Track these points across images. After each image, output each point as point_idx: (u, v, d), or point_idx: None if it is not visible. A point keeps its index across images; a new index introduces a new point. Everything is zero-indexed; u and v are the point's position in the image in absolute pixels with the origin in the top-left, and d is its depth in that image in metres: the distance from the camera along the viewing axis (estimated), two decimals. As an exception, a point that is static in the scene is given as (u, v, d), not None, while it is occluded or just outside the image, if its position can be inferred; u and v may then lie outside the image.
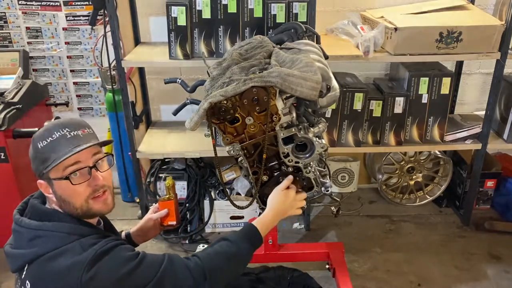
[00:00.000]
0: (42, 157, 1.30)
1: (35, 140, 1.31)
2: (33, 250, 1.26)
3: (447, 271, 2.56)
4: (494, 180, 2.98)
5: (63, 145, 1.30)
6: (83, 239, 1.28)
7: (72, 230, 1.29)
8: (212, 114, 1.55)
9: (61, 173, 1.30)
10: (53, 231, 1.28)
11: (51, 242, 1.26)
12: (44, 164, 1.30)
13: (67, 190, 1.32)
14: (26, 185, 2.65)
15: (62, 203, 1.34)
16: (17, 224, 1.33)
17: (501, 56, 2.44)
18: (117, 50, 2.32)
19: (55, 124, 1.34)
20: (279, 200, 1.63)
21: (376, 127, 2.66)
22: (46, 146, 1.30)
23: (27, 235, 1.29)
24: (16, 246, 1.32)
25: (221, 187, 2.82)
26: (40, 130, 1.33)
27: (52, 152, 1.30)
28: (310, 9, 2.27)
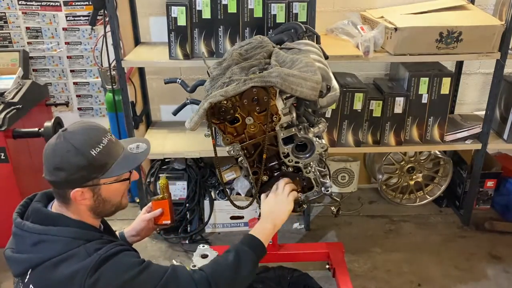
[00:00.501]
0: (97, 164, 1.29)
1: (83, 149, 1.27)
2: (37, 255, 1.25)
3: (447, 271, 2.56)
4: (494, 180, 2.98)
5: (115, 149, 1.34)
6: (88, 244, 1.27)
7: (77, 235, 1.28)
8: (212, 114, 1.55)
9: (116, 176, 1.33)
10: (58, 236, 1.26)
11: (57, 247, 1.25)
12: (101, 170, 1.30)
13: (115, 191, 1.36)
14: (26, 185, 2.66)
15: (101, 204, 1.34)
16: (18, 228, 1.31)
17: (501, 56, 2.44)
18: (117, 50, 2.32)
19: (93, 129, 1.33)
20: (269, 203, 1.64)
21: (376, 127, 2.66)
22: (100, 153, 1.29)
23: (30, 239, 1.27)
24: (18, 251, 1.29)
25: (221, 187, 2.82)
26: (79, 139, 1.28)
27: (108, 158, 1.31)
28: (310, 9, 2.27)
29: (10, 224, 2.85)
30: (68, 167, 1.26)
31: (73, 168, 1.27)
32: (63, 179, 1.28)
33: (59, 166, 1.27)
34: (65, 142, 1.28)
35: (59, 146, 1.28)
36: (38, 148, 2.78)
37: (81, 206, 1.33)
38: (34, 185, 2.77)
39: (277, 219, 1.60)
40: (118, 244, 1.31)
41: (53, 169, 1.28)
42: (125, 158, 1.36)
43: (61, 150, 1.27)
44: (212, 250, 2.23)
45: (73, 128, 1.32)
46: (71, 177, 1.27)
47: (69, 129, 1.31)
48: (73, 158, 1.26)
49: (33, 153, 2.76)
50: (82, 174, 1.28)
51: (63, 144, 1.27)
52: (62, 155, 1.27)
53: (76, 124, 1.34)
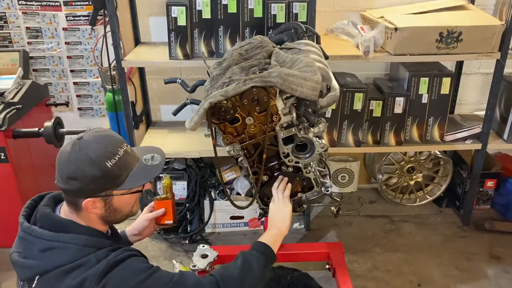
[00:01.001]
0: (112, 176, 1.28)
1: (98, 160, 1.25)
2: (47, 262, 1.24)
3: (447, 271, 2.56)
4: (494, 180, 2.98)
5: (130, 160, 1.34)
6: (99, 252, 1.26)
7: (89, 243, 1.27)
8: (212, 114, 1.55)
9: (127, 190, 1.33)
10: (69, 243, 1.25)
11: (67, 255, 1.24)
12: (114, 182, 1.30)
13: (126, 201, 1.36)
14: (26, 185, 2.66)
15: (112, 214, 1.34)
16: (26, 233, 1.29)
17: (501, 56, 2.44)
18: (117, 50, 2.32)
19: (109, 139, 1.32)
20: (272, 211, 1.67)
21: (376, 127, 2.66)
22: (115, 165, 1.28)
23: (39, 245, 1.26)
24: (26, 256, 1.28)
25: (221, 187, 2.82)
26: (95, 150, 1.26)
27: (123, 170, 1.31)
28: (310, 9, 2.27)
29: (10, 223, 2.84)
30: (82, 177, 1.25)
31: (87, 179, 1.25)
32: (76, 188, 1.27)
33: (73, 175, 1.25)
34: (80, 151, 1.26)
35: (74, 155, 1.26)
36: (38, 148, 2.78)
37: (92, 215, 1.32)
38: (34, 185, 2.78)
39: (279, 223, 1.64)
40: (127, 249, 1.31)
41: (66, 178, 1.26)
42: (140, 171, 1.35)
43: (76, 159, 1.25)
44: (212, 250, 2.23)
45: (89, 137, 1.30)
46: (84, 187, 1.26)
47: (85, 138, 1.29)
48: (88, 168, 1.25)
49: (33, 153, 2.76)
50: (96, 185, 1.27)
51: (79, 154, 1.26)
52: (77, 165, 1.25)
53: (92, 132, 1.33)
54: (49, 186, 3.31)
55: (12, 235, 2.91)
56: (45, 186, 2.93)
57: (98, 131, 1.34)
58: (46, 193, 1.42)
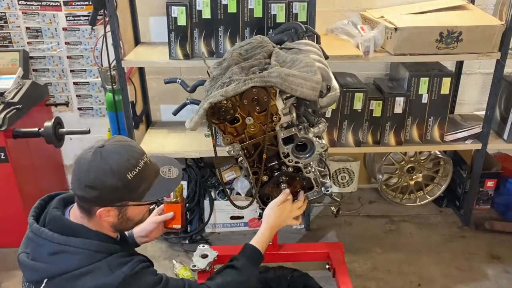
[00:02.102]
0: (131, 187, 1.28)
1: (120, 171, 1.25)
2: (56, 266, 1.23)
3: (447, 271, 2.56)
4: (494, 180, 2.98)
5: (149, 173, 1.33)
6: (109, 258, 1.26)
7: (99, 248, 1.27)
8: (212, 114, 1.55)
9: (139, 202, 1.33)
10: (80, 248, 1.25)
11: (77, 260, 1.23)
12: (132, 193, 1.29)
13: (140, 211, 1.37)
14: (26, 185, 2.66)
15: (124, 223, 1.35)
16: (36, 235, 1.28)
17: (501, 56, 2.44)
18: (117, 50, 2.32)
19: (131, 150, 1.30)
20: (276, 215, 1.66)
21: (376, 127, 2.66)
22: (136, 177, 1.27)
23: (48, 248, 1.25)
24: (35, 258, 1.27)
25: (221, 187, 2.82)
26: (117, 160, 1.25)
27: (142, 182, 1.30)
28: (310, 9, 2.27)
29: (10, 223, 2.86)
30: (101, 187, 1.24)
31: (106, 189, 1.24)
32: (92, 197, 1.26)
33: (92, 184, 1.24)
34: (102, 161, 1.24)
35: (95, 163, 1.25)
36: (38, 148, 2.78)
37: (103, 223, 1.32)
38: (34, 185, 2.78)
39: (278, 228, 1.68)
40: (139, 260, 1.31)
41: (85, 186, 1.25)
42: (158, 185, 1.35)
43: (97, 168, 1.24)
44: (212, 250, 2.23)
45: (111, 146, 1.28)
46: (102, 196, 1.26)
47: (107, 147, 1.27)
48: (108, 179, 1.24)
49: (33, 153, 2.76)
50: (114, 196, 1.27)
51: (100, 163, 1.24)
52: (97, 174, 1.24)
53: (113, 141, 1.31)
54: (49, 186, 3.34)
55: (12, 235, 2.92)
56: (45, 186, 2.95)
57: (120, 140, 1.33)
58: (56, 194, 1.41)
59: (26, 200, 2.63)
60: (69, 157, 3.20)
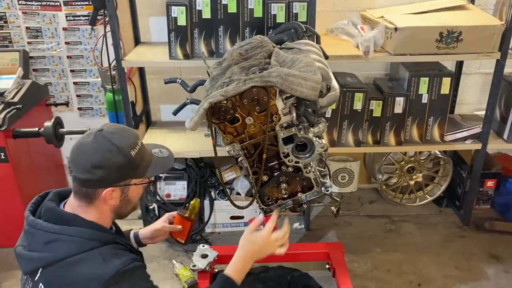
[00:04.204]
0: (133, 164, 1.33)
1: (124, 149, 1.31)
2: (50, 254, 1.25)
3: (447, 271, 2.56)
4: (494, 180, 2.98)
5: (146, 152, 1.40)
6: (103, 248, 1.28)
7: (92, 236, 1.29)
8: (212, 114, 1.55)
9: (142, 178, 1.38)
10: (73, 236, 1.27)
11: (70, 247, 1.25)
12: (135, 171, 1.35)
13: (138, 192, 1.41)
14: (26, 185, 2.66)
15: (124, 205, 1.38)
16: (31, 226, 1.31)
17: (501, 56, 2.44)
18: (117, 50, 2.32)
19: (129, 131, 1.39)
20: (251, 244, 1.57)
21: (376, 127, 2.66)
22: (137, 154, 1.34)
23: (43, 238, 1.27)
24: (30, 248, 1.30)
25: (221, 187, 2.82)
26: (120, 139, 1.32)
27: (143, 159, 1.37)
28: (310, 9, 2.27)
29: (10, 223, 2.86)
30: (108, 165, 1.29)
31: (113, 167, 1.29)
32: (99, 177, 1.29)
33: (98, 164, 1.28)
34: (106, 141, 1.30)
35: (99, 144, 1.29)
36: (38, 148, 2.78)
37: (105, 206, 1.35)
38: (34, 185, 2.78)
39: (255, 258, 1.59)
40: (133, 258, 1.31)
41: (91, 167, 1.28)
42: (156, 162, 1.42)
43: (102, 148, 1.29)
44: (212, 250, 2.23)
45: (109, 129, 1.35)
46: (109, 175, 1.30)
47: (106, 129, 1.34)
48: (115, 157, 1.29)
49: (33, 153, 2.76)
50: (120, 174, 1.32)
51: (105, 143, 1.29)
52: (104, 154, 1.28)
53: (109, 125, 1.38)
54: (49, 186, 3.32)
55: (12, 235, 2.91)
56: (45, 186, 2.95)
57: (114, 125, 1.41)
58: (52, 190, 1.45)
59: (26, 200, 2.62)
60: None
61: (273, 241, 1.59)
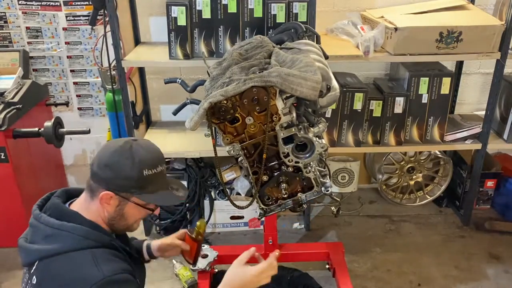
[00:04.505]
0: (141, 183, 1.35)
1: (139, 165, 1.34)
2: (46, 247, 1.28)
3: (447, 271, 2.56)
4: (494, 180, 2.98)
5: (160, 181, 1.40)
6: (97, 250, 1.29)
7: (88, 235, 1.30)
8: (212, 114, 1.55)
9: (144, 203, 1.38)
10: (70, 232, 1.29)
11: (65, 243, 1.27)
12: (140, 190, 1.36)
13: (135, 213, 1.40)
14: (26, 184, 2.66)
15: (118, 218, 1.38)
16: (35, 219, 1.34)
17: (501, 56, 2.44)
18: (117, 50, 2.32)
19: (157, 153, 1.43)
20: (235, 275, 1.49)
21: (376, 127, 2.66)
22: (150, 176, 1.36)
23: (43, 232, 1.31)
24: (31, 241, 1.33)
25: (221, 187, 2.82)
26: (141, 155, 1.35)
27: (151, 184, 1.37)
28: (310, 9, 2.27)
29: (10, 223, 2.86)
30: (117, 170, 1.32)
31: (121, 174, 1.32)
32: (105, 177, 1.33)
33: (111, 165, 1.32)
34: (129, 150, 1.35)
35: (122, 149, 1.34)
36: (38, 148, 2.78)
37: (101, 209, 1.36)
38: (34, 185, 2.78)
39: None
40: (125, 269, 1.31)
41: (104, 164, 1.33)
42: (164, 194, 1.42)
43: (121, 153, 1.34)
44: (212, 250, 2.23)
45: (142, 142, 1.41)
46: (114, 180, 1.33)
47: (139, 142, 1.40)
48: (127, 167, 1.33)
49: (33, 153, 2.76)
50: (124, 183, 1.33)
51: (126, 151, 1.34)
52: (119, 158, 1.33)
53: (145, 141, 1.45)
54: (49, 186, 3.34)
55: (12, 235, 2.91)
56: (45, 186, 2.95)
57: (150, 143, 1.45)
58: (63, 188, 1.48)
59: (26, 200, 2.63)
60: (69, 157, 3.20)
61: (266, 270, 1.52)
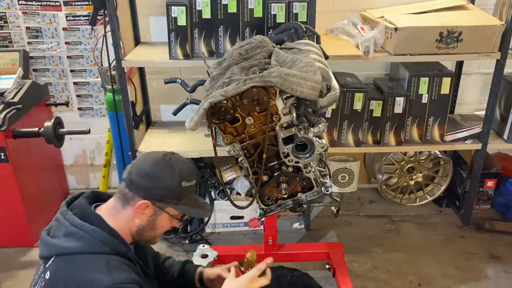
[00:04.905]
0: (178, 194, 1.39)
1: (180, 176, 1.38)
2: (65, 244, 1.29)
3: (447, 271, 2.56)
4: (494, 180, 2.98)
5: (192, 194, 1.46)
6: (111, 257, 1.30)
7: (106, 240, 1.32)
8: (212, 114, 1.55)
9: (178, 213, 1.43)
10: (89, 235, 1.30)
11: (84, 244, 1.29)
12: (177, 200, 1.40)
13: (164, 224, 1.43)
14: (26, 185, 2.66)
15: (148, 228, 1.40)
16: (61, 215, 1.36)
17: (501, 56, 2.44)
18: (117, 50, 2.32)
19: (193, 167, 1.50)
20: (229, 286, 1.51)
21: (376, 127, 2.66)
22: (186, 188, 1.41)
23: (66, 228, 1.32)
24: (52, 235, 1.35)
25: (221, 187, 2.82)
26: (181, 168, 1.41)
27: (185, 196, 1.42)
28: (310, 9, 2.27)
29: (10, 223, 2.85)
30: (158, 180, 1.36)
31: (161, 184, 1.36)
32: (144, 186, 1.35)
33: (152, 175, 1.36)
34: (170, 161, 1.40)
35: (163, 161, 1.39)
36: (38, 148, 2.78)
37: (133, 219, 1.38)
38: (34, 185, 2.78)
39: None
40: (136, 281, 1.31)
41: (145, 173, 1.36)
42: (195, 205, 1.47)
43: (162, 164, 1.38)
44: (212, 250, 2.24)
45: (180, 157, 1.46)
46: (153, 189, 1.36)
47: (177, 156, 1.45)
48: (168, 178, 1.37)
49: (33, 153, 2.76)
50: (163, 193, 1.37)
51: (167, 162, 1.39)
52: (161, 169, 1.37)
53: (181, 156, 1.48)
54: (49, 186, 3.33)
55: (12, 235, 2.92)
56: (45, 186, 2.95)
57: (186, 158, 1.49)
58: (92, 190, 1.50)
59: (26, 200, 2.63)
60: (69, 157, 3.21)
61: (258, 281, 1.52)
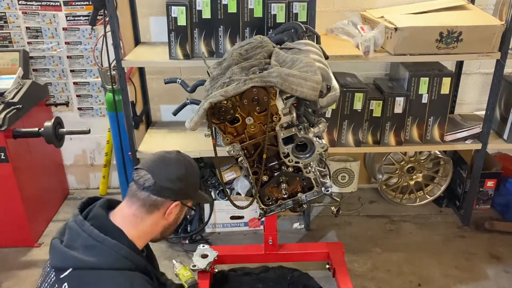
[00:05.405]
0: (197, 188, 1.51)
1: (197, 172, 1.51)
2: (86, 258, 1.27)
3: (447, 271, 2.56)
4: (494, 180, 2.98)
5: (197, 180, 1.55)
6: (133, 274, 1.30)
7: (129, 256, 1.31)
8: (212, 114, 1.55)
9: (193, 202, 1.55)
10: (112, 250, 1.29)
11: (106, 259, 1.28)
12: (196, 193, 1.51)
13: (181, 216, 1.50)
14: (26, 185, 2.66)
15: (173, 224, 1.47)
16: (78, 225, 1.33)
17: (501, 56, 2.44)
18: (117, 50, 2.32)
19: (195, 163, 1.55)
20: None
21: (376, 127, 2.66)
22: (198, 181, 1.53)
23: (85, 241, 1.30)
24: (68, 245, 1.31)
25: (221, 187, 2.82)
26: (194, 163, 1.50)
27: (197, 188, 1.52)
28: (310, 9, 2.27)
29: (10, 223, 2.85)
30: (187, 180, 1.43)
31: (190, 183, 1.44)
32: (177, 189, 1.40)
33: (183, 177, 1.41)
34: (187, 160, 1.48)
35: (183, 162, 1.46)
36: (38, 148, 2.78)
37: (160, 221, 1.42)
38: (34, 185, 2.78)
39: None
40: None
41: (176, 177, 1.40)
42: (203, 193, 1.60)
43: (186, 165, 1.45)
44: (212, 250, 2.23)
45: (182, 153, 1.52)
46: (184, 190, 1.43)
47: (180, 153, 1.51)
48: (194, 175, 1.48)
49: (33, 153, 2.76)
50: (190, 190, 1.46)
51: (186, 162, 1.47)
52: (187, 170, 1.44)
53: None
54: (49, 186, 3.33)
55: (12, 235, 2.91)
56: (45, 186, 2.95)
57: None
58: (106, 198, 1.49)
59: (26, 200, 2.63)
60: (69, 157, 3.21)
61: None
